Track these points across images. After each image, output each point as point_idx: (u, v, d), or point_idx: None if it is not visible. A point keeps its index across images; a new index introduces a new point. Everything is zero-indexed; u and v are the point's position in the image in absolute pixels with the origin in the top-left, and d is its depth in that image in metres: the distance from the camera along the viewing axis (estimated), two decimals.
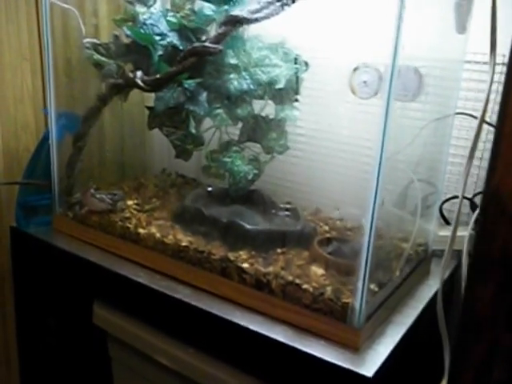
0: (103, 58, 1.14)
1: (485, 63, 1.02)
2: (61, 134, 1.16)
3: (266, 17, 0.96)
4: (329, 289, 0.88)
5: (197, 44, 0.94)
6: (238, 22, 0.94)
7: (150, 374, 1.07)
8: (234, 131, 1.15)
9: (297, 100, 1.15)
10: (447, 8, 0.93)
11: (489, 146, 1.11)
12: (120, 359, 1.13)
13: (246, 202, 1.15)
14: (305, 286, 0.88)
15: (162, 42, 1.11)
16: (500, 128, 0.64)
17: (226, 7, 1.08)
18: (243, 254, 0.97)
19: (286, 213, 1.12)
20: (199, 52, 0.94)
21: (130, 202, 1.14)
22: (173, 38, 1.11)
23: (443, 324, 0.94)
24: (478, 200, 1.14)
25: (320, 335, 0.86)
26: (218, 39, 0.95)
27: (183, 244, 1.00)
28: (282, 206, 1.14)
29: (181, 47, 1.11)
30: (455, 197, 1.16)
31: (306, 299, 0.88)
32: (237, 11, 0.95)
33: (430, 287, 1.06)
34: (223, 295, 0.96)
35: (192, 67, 0.96)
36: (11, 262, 1.23)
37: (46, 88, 1.14)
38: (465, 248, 1.06)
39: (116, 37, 1.16)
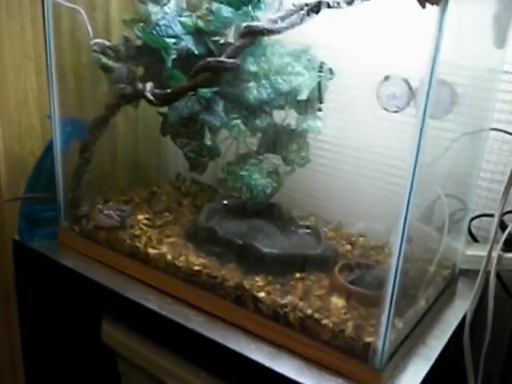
0: (111, 62, 1.09)
1: None
2: (67, 142, 1.12)
3: (289, 27, 0.90)
4: (350, 325, 0.84)
5: (211, 59, 0.88)
6: (258, 33, 0.88)
7: None
8: (253, 140, 1.11)
9: (320, 109, 1.10)
10: (485, 21, 0.86)
11: None
12: (129, 375, 1.11)
13: (264, 217, 1.12)
14: (324, 322, 0.84)
15: (175, 46, 1.06)
16: None
17: (245, 9, 1.03)
18: (259, 281, 0.93)
19: (306, 230, 1.08)
20: (213, 67, 0.88)
21: (140, 217, 1.10)
22: (188, 42, 1.06)
23: (469, 360, 0.90)
24: (507, 218, 1.08)
25: (339, 373, 0.83)
26: (235, 52, 0.89)
27: (196, 268, 0.96)
28: (301, 223, 1.09)
29: (196, 52, 1.06)
30: (486, 215, 1.10)
31: (326, 335, 0.84)
32: (256, 22, 0.89)
33: (456, 312, 1.02)
34: (238, 324, 0.92)
35: (206, 82, 0.90)
36: (15, 275, 1.19)
37: (49, 93, 1.08)
38: (493, 269, 1.02)
39: (126, 38, 1.10)
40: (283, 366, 0.84)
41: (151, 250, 1.01)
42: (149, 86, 0.96)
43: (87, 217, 1.10)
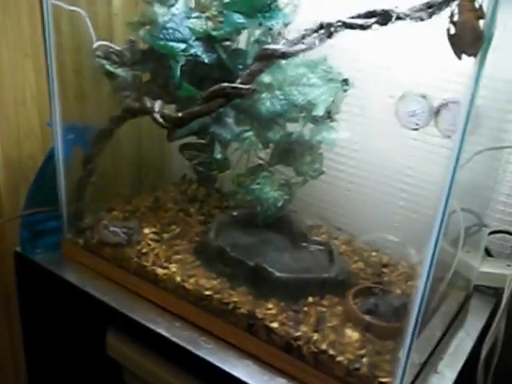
0: (113, 69, 1.04)
1: None
2: (69, 150, 1.08)
3: (307, 49, 0.84)
4: (365, 362, 0.83)
5: (226, 85, 0.83)
6: (276, 57, 0.83)
7: None
8: (265, 150, 1.07)
9: (333, 120, 1.05)
10: None
11: None
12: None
13: (275, 229, 1.10)
14: (339, 359, 0.83)
15: (184, 53, 1.01)
16: None
17: (259, 16, 0.97)
18: (272, 308, 0.92)
19: (318, 247, 1.06)
20: (229, 94, 0.84)
21: (146, 231, 1.07)
22: (197, 50, 1.01)
23: None
24: None
25: None
26: (250, 77, 0.84)
27: (206, 293, 0.94)
28: (313, 238, 1.07)
29: (206, 60, 1.01)
30: (504, 231, 1.09)
31: (340, 371, 0.84)
32: (273, 45, 0.84)
33: (470, 332, 1.01)
34: (250, 352, 0.91)
35: (220, 108, 0.86)
36: (17, 286, 1.17)
37: (51, 100, 1.03)
38: (506, 288, 1.01)
39: (131, 42, 1.05)
40: None
41: (160, 270, 0.99)
42: (158, 105, 0.91)
43: (91, 229, 1.07)
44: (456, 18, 0.66)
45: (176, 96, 1.03)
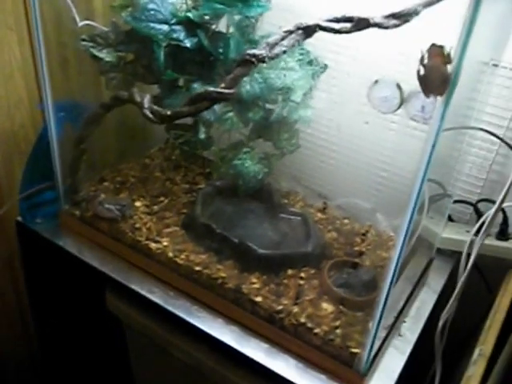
0: (98, 52, 1.07)
1: None
2: (60, 128, 1.13)
3: (286, 51, 0.89)
4: (338, 332, 0.96)
5: (211, 90, 0.88)
6: (258, 61, 0.88)
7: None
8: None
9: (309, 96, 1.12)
10: None
11: None
12: (135, 341, 1.22)
13: (256, 199, 1.18)
14: (315, 331, 0.96)
15: (167, 36, 1.04)
16: None
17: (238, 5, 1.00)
18: (255, 282, 1.03)
19: (296, 218, 1.16)
20: (213, 98, 0.89)
21: (138, 204, 1.16)
22: (179, 34, 1.04)
23: (439, 352, 1.05)
24: (482, 206, 1.18)
25: (326, 372, 0.96)
26: (233, 82, 0.89)
27: (196, 268, 1.05)
28: (291, 209, 1.17)
29: (188, 45, 1.04)
30: (465, 201, 1.20)
31: (317, 341, 0.96)
32: (254, 50, 0.88)
33: (431, 296, 1.14)
34: (237, 320, 1.03)
35: (205, 109, 0.92)
36: (20, 252, 1.26)
37: (41, 82, 1.07)
38: (464, 252, 1.13)
39: (114, 24, 1.08)
40: (278, 363, 0.97)
41: (153, 245, 1.09)
42: (147, 100, 0.96)
43: (86, 202, 1.14)
44: (426, 61, 0.72)
45: (160, 76, 1.08)
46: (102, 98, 1.18)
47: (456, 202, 1.20)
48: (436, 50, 0.71)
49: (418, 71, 0.73)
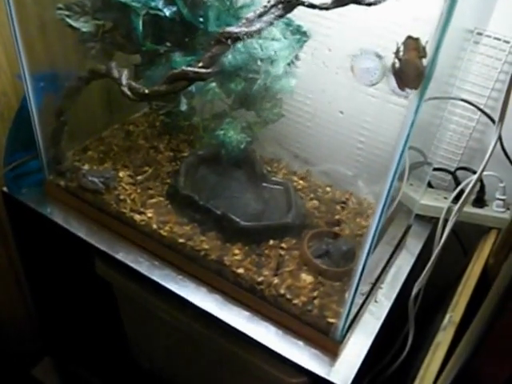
0: (74, 22, 1.08)
1: None
2: (40, 98, 1.15)
3: (266, 27, 0.91)
4: (316, 303, 1.02)
5: (189, 69, 0.91)
6: (236, 39, 0.90)
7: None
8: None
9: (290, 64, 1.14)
10: None
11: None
12: (125, 303, 1.29)
13: (239, 168, 1.23)
14: (294, 301, 1.03)
15: (145, 5, 1.05)
16: None
17: None
18: (237, 253, 1.09)
19: (278, 187, 1.20)
20: (190, 78, 0.91)
21: (121, 174, 1.19)
22: (157, 2, 1.06)
23: (412, 317, 1.12)
24: (460, 174, 1.22)
25: (304, 339, 1.03)
26: (211, 61, 0.91)
27: (180, 240, 1.10)
28: (273, 178, 1.21)
29: (167, 14, 1.06)
30: (444, 170, 1.24)
31: (296, 311, 1.03)
32: (232, 27, 0.89)
33: (408, 262, 1.20)
34: (220, 289, 1.09)
35: (183, 89, 0.94)
36: (9, 220, 1.30)
37: (17, 53, 1.08)
38: (441, 218, 1.18)
39: None
40: (258, 329, 1.03)
41: (137, 217, 1.13)
42: (125, 77, 0.98)
43: (71, 173, 1.18)
44: (401, 55, 0.74)
45: (140, 46, 1.09)
46: (84, 66, 1.19)
47: (436, 169, 1.25)
48: (412, 44, 0.73)
49: (394, 64, 0.76)
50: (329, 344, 1.01)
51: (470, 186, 1.11)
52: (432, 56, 0.71)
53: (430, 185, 1.28)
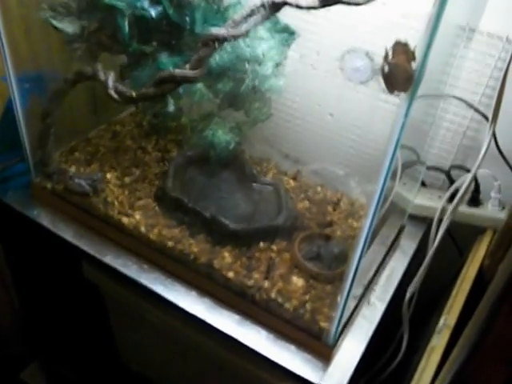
0: (58, 23, 1.07)
1: None
2: (26, 100, 1.15)
3: (254, 26, 0.91)
4: (308, 307, 1.03)
5: (177, 72, 0.91)
6: (222, 40, 0.90)
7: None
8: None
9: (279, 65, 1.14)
10: None
11: None
12: (114, 307, 1.29)
13: (228, 169, 1.23)
14: (286, 306, 1.03)
15: (130, 5, 1.05)
16: None
17: None
18: (227, 256, 1.09)
19: (268, 187, 1.20)
20: (178, 80, 0.92)
21: (109, 176, 1.19)
22: (143, 2, 1.05)
23: (406, 320, 1.12)
24: (454, 173, 1.23)
25: (296, 343, 1.03)
26: (198, 63, 0.91)
27: (169, 244, 1.10)
28: (263, 179, 1.21)
29: (153, 14, 1.05)
30: (438, 168, 1.24)
31: (287, 315, 1.03)
32: (219, 29, 0.89)
33: (401, 264, 1.20)
34: (210, 293, 1.09)
35: (170, 91, 0.94)
36: None
37: (3, 55, 1.08)
38: (435, 219, 1.19)
39: None
40: (249, 333, 1.03)
41: (125, 220, 1.13)
42: (111, 79, 0.98)
43: (57, 176, 1.18)
44: (390, 59, 0.75)
45: (126, 47, 1.09)
46: (70, 67, 1.19)
47: (429, 168, 1.25)
48: (400, 48, 0.73)
49: (383, 68, 0.76)
50: (321, 348, 1.01)
51: (465, 185, 1.11)
52: (421, 60, 0.71)
53: (423, 184, 1.28)
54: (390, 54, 0.75)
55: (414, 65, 0.72)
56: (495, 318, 0.86)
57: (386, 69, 0.76)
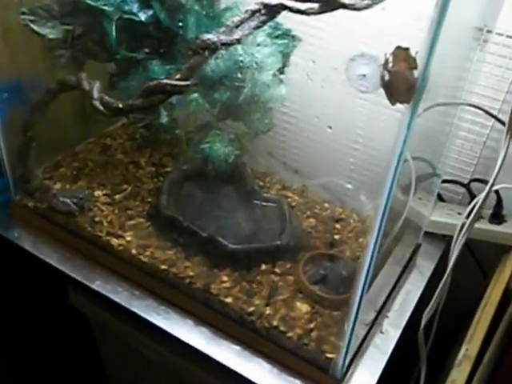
0: (39, 28, 1.02)
1: None
2: (4, 111, 1.10)
3: (247, 35, 0.85)
4: (313, 335, 0.96)
5: (166, 82, 0.85)
6: (214, 49, 0.84)
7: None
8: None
9: (282, 73, 1.08)
10: None
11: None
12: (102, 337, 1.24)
13: (228, 184, 1.18)
14: (289, 334, 0.96)
15: (118, 8, 1.00)
16: None
17: None
18: (226, 280, 1.03)
19: (271, 204, 1.14)
20: (168, 91, 0.86)
21: (98, 193, 1.14)
22: (131, 6, 1.00)
23: (423, 349, 1.05)
24: (474, 187, 1.16)
25: (301, 376, 0.96)
26: (189, 73, 0.86)
27: (162, 267, 1.04)
28: (265, 195, 1.15)
29: (142, 18, 1.00)
30: (455, 181, 1.18)
31: (290, 345, 0.97)
32: (210, 35, 0.84)
33: (417, 287, 1.13)
34: (206, 321, 1.03)
35: (160, 102, 0.89)
36: None
37: None
38: (455, 238, 1.11)
39: None
40: (251, 366, 0.97)
41: (115, 241, 1.07)
42: (96, 90, 0.92)
43: (40, 193, 1.12)
44: (390, 66, 0.69)
45: (113, 54, 1.04)
46: (53, 75, 1.14)
47: (447, 181, 1.18)
48: (401, 54, 0.67)
49: (383, 77, 0.70)
50: (329, 382, 0.95)
51: (482, 198, 1.04)
52: (424, 67, 0.65)
53: (442, 199, 1.22)
54: (391, 60, 0.69)
55: (416, 73, 0.67)
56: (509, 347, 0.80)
57: (387, 77, 0.70)
